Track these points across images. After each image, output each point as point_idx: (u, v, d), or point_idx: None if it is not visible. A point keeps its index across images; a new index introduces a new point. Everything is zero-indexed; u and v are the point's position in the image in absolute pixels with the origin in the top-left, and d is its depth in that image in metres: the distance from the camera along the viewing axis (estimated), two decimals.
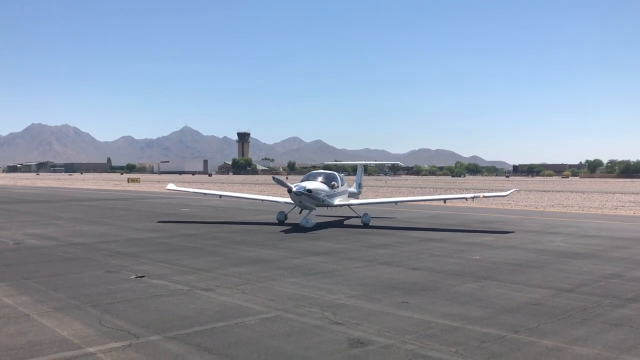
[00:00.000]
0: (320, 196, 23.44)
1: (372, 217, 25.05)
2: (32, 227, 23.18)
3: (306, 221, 22.83)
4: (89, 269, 13.46)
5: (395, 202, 28.90)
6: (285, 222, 24.85)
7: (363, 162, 32.02)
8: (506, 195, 26.17)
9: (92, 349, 7.42)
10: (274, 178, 25.23)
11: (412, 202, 36.73)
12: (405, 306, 9.88)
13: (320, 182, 24.14)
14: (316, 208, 24.14)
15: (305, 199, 22.94)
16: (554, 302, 10.25)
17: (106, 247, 17.17)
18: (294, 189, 22.63)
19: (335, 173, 25.85)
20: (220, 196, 30.31)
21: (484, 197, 25.82)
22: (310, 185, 23.37)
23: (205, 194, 33.52)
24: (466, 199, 25.91)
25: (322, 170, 26.75)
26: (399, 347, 7.64)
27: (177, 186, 32.67)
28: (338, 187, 24.86)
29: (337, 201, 24.75)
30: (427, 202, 38.86)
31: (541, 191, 65.55)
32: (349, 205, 25.60)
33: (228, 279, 12.23)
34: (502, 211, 33.70)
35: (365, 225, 24.02)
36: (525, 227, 24.16)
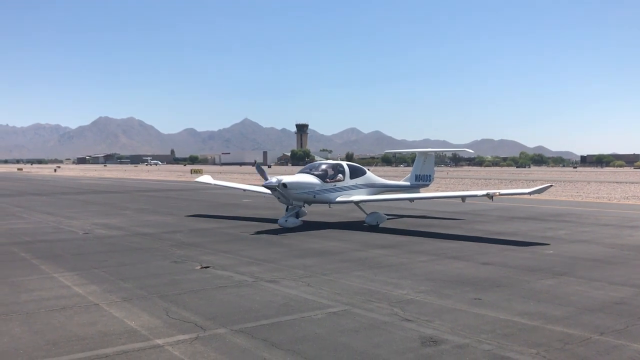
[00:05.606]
0: (304, 192, 19.95)
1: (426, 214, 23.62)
2: (100, 217, 23.86)
3: (285, 220, 19.81)
4: (155, 259, 13.63)
5: (411, 200, 22.84)
6: (300, 219, 20.81)
7: (428, 149, 26.09)
8: (530, 193, 18.64)
9: (160, 341, 7.37)
10: (256, 167, 21.70)
11: (434, 199, 28.23)
12: (479, 303, 9.39)
13: (315, 174, 20.71)
14: (304, 205, 20.76)
15: (282, 194, 19.66)
16: None
17: (171, 237, 17.40)
18: (264, 183, 19.54)
19: (344, 164, 21.88)
20: (244, 190, 27.17)
21: (499, 194, 19.69)
22: (288, 178, 19.90)
23: (231, 187, 30.23)
24: (487, 196, 19.24)
25: (327, 161, 23.15)
26: (475, 347, 7.21)
27: (204, 179, 30.99)
28: (343, 180, 21.18)
29: (341, 197, 20.96)
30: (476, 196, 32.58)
31: (613, 182, 62.46)
32: (354, 202, 21.19)
33: (292, 271, 12.06)
34: (574, 203, 32.20)
35: (372, 227, 20.19)
36: (601, 220, 22.90)
